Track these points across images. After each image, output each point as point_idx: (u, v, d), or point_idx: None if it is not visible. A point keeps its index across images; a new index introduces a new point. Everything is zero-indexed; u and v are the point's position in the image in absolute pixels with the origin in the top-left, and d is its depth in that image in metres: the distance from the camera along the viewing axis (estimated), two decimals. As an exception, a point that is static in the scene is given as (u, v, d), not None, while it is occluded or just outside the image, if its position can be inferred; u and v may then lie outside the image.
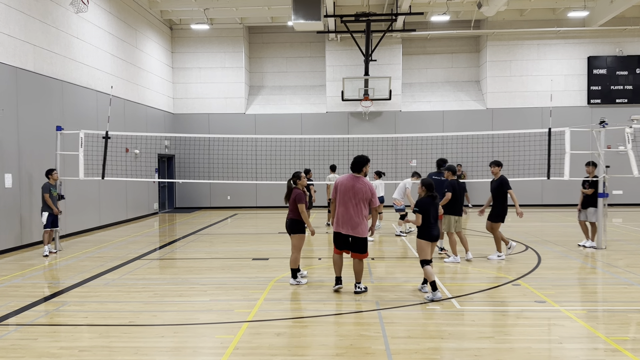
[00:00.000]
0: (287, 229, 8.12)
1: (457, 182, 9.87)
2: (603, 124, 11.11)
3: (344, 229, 7.22)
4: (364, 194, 7.15)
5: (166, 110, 21.39)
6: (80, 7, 13.52)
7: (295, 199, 7.96)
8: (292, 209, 8.05)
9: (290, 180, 8.15)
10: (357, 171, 7.30)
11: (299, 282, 8.02)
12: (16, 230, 11.68)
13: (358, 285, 7.40)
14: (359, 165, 7.29)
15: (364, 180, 7.23)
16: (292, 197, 8.02)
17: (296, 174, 8.17)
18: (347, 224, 7.18)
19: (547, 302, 6.87)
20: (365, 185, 7.17)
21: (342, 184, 7.27)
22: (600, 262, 9.73)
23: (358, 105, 21.52)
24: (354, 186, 7.15)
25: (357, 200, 7.13)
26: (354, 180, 7.22)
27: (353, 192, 7.14)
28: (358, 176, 7.27)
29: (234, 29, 21.96)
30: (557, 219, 17.07)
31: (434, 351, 5.18)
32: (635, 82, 21.15)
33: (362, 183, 7.18)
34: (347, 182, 7.22)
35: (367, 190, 7.16)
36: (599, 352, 5.16)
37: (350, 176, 7.32)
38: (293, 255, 8.04)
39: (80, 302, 7.13)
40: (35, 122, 12.34)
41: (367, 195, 7.16)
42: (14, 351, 5.27)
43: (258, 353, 5.16)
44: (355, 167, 7.32)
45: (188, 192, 22.21)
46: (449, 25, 21.89)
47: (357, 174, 7.29)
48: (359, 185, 7.16)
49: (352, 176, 7.30)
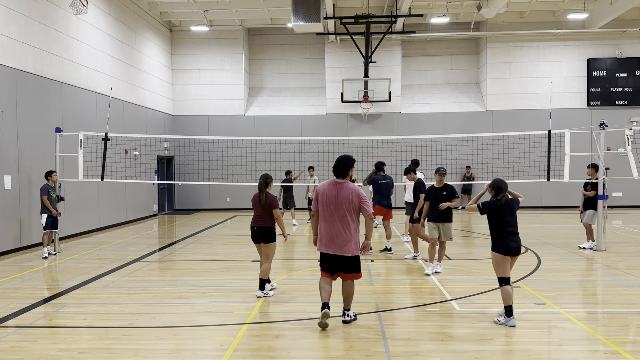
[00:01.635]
0: (258, 237, 7.37)
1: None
2: (603, 125, 11.11)
3: (329, 249, 5.95)
4: (351, 203, 5.87)
5: (166, 112, 21.38)
6: (80, 9, 13.52)
7: (272, 204, 7.31)
8: (262, 214, 7.34)
9: (261, 183, 7.37)
10: (340, 176, 6.00)
11: (266, 294, 7.37)
12: (15, 232, 11.66)
13: (347, 313, 6.17)
14: (343, 168, 5.98)
15: (349, 185, 5.94)
16: (267, 201, 7.32)
17: (267, 175, 7.44)
18: (332, 242, 5.92)
19: (547, 304, 6.86)
20: (351, 191, 5.88)
21: (323, 193, 5.98)
22: (600, 264, 9.73)
23: (358, 107, 21.53)
24: (337, 195, 5.89)
25: (342, 211, 5.86)
26: (337, 188, 5.93)
27: (337, 203, 5.87)
28: (342, 182, 5.97)
29: (234, 31, 21.97)
30: (556, 221, 17.07)
31: (433, 353, 5.17)
32: (635, 84, 21.15)
33: (347, 190, 5.89)
34: (329, 191, 5.94)
35: (353, 198, 5.86)
36: (599, 354, 5.15)
37: (332, 182, 6.01)
38: (265, 266, 7.37)
39: (79, 304, 7.12)
40: (34, 124, 12.33)
41: (354, 203, 5.88)
42: (14, 353, 5.26)
43: (257, 355, 5.15)
44: (338, 171, 6.00)
45: (187, 193, 22.19)
46: (449, 27, 21.90)
47: (341, 179, 6.00)
48: (344, 193, 5.87)
49: (334, 182, 5.99)
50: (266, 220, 7.35)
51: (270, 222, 7.36)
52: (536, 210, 20.75)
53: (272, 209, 7.33)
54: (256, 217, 7.42)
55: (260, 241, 7.38)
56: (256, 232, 7.41)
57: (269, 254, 7.39)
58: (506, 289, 5.95)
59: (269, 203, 7.32)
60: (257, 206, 7.41)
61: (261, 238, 7.37)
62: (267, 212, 7.35)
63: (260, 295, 7.33)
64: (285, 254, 11.30)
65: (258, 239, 7.41)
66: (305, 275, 9.04)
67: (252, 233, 7.50)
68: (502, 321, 5.99)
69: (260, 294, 7.35)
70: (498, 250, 6.01)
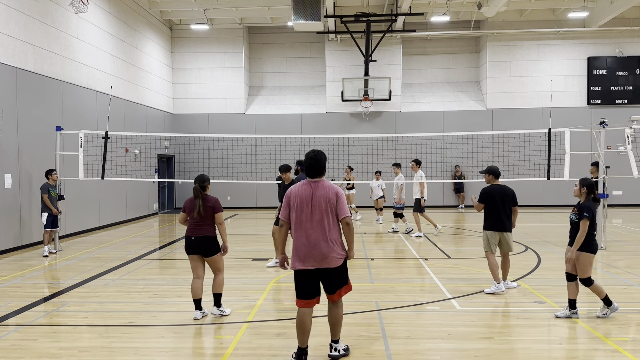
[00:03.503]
0: (198, 249, 6.26)
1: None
2: (603, 124, 11.11)
3: (307, 263, 4.87)
4: (328, 202, 4.84)
5: (166, 110, 21.38)
6: (80, 8, 13.52)
7: (215, 208, 6.25)
8: (201, 221, 6.22)
9: (197, 189, 6.27)
10: (315, 175, 4.97)
11: (223, 311, 6.42)
12: (16, 230, 11.67)
13: (335, 347, 5.05)
14: (318, 167, 4.96)
15: (325, 184, 4.94)
16: (209, 205, 6.23)
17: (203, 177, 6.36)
18: (310, 254, 4.85)
19: (547, 303, 6.88)
20: (327, 190, 4.88)
21: (296, 195, 4.93)
22: (600, 263, 9.73)
23: (358, 105, 21.52)
24: (313, 195, 4.87)
25: (320, 214, 4.83)
26: (311, 188, 4.91)
27: (313, 204, 4.85)
28: (316, 181, 4.95)
29: (234, 29, 21.96)
30: (556, 220, 17.07)
31: (434, 352, 5.18)
32: (635, 82, 21.14)
33: (323, 189, 4.89)
34: (303, 192, 4.91)
35: (330, 196, 4.85)
36: (599, 352, 5.16)
37: (305, 184, 4.97)
38: (219, 278, 6.41)
39: (80, 303, 7.13)
40: (35, 122, 12.33)
41: (332, 202, 4.84)
42: (14, 351, 5.27)
43: (258, 354, 5.16)
44: (312, 170, 4.96)
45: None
46: (449, 26, 21.89)
47: (316, 178, 4.98)
48: (321, 193, 4.87)
49: (308, 183, 4.96)
50: (207, 227, 6.24)
51: (211, 229, 6.27)
52: (536, 208, 20.75)
53: (215, 213, 6.26)
54: (194, 225, 6.26)
55: (201, 253, 6.28)
56: (195, 242, 6.25)
57: (219, 266, 6.40)
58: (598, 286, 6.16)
59: (212, 206, 6.25)
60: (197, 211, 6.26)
61: (202, 250, 6.25)
62: (208, 218, 6.26)
63: (216, 313, 6.37)
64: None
65: (197, 250, 6.27)
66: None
67: (187, 243, 6.30)
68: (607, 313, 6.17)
69: (217, 311, 6.38)
70: (590, 250, 6.12)
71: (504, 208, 7.27)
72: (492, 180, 7.48)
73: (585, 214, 6.05)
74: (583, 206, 6.16)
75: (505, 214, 7.30)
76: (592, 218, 6.09)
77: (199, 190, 6.26)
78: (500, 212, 7.27)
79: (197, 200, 6.23)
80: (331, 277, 4.91)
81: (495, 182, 7.45)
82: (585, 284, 6.15)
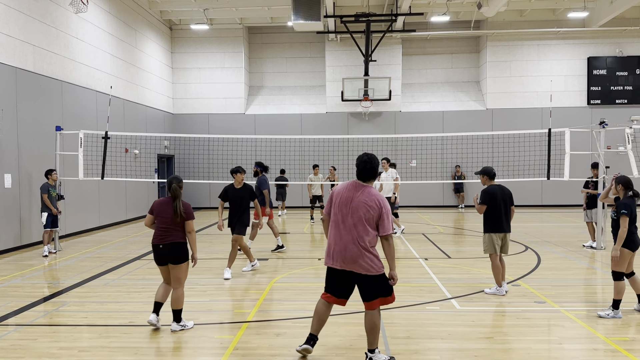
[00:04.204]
0: (168, 257, 5.76)
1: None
2: (603, 124, 11.11)
3: (336, 262, 4.80)
4: (369, 211, 4.70)
5: (166, 110, 21.39)
6: (80, 7, 13.51)
7: (188, 214, 5.84)
8: (171, 227, 5.78)
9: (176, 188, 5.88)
10: (368, 179, 4.88)
11: (184, 325, 5.85)
12: (16, 230, 11.67)
13: (370, 356, 4.81)
14: (372, 171, 4.87)
15: (372, 191, 4.79)
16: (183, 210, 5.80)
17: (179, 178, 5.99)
18: (340, 255, 4.76)
19: (547, 303, 6.87)
20: (372, 197, 4.73)
21: (340, 194, 4.86)
22: (599, 263, 9.73)
23: (358, 105, 21.52)
24: (354, 198, 4.76)
25: (356, 219, 4.71)
26: (355, 190, 4.81)
27: (351, 207, 4.75)
28: (364, 185, 4.84)
29: (234, 29, 21.96)
30: (556, 220, 17.07)
31: (433, 352, 5.18)
32: (635, 82, 21.15)
33: (368, 195, 4.75)
34: (346, 193, 4.84)
35: (373, 206, 4.69)
36: (599, 352, 5.16)
37: (352, 184, 4.91)
38: (178, 292, 5.81)
39: (80, 303, 7.13)
40: (34, 122, 12.33)
41: (372, 213, 4.69)
42: (14, 351, 5.26)
43: (258, 354, 5.16)
44: (366, 174, 4.86)
45: (187, 192, 22.14)
46: (449, 26, 21.89)
47: (364, 182, 4.89)
48: (362, 198, 4.73)
49: (355, 184, 4.88)
50: (177, 234, 5.79)
51: (181, 236, 5.81)
52: (536, 208, 20.76)
53: (186, 220, 5.83)
54: (162, 231, 5.79)
55: (170, 261, 5.76)
56: (163, 250, 5.76)
57: (180, 277, 5.80)
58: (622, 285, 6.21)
59: (184, 212, 5.82)
60: (167, 217, 5.80)
61: (171, 258, 5.75)
62: (179, 224, 5.81)
63: (176, 329, 5.78)
64: (286, 252, 11.30)
65: (167, 259, 5.76)
66: (306, 273, 9.05)
67: (156, 252, 5.83)
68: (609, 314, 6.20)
69: (177, 327, 5.79)
70: (629, 246, 6.19)
71: (505, 208, 7.25)
72: (487, 181, 7.40)
73: (623, 211, 6.12)
74: (621, 203, 6.24)
75: (506, 214, 7.29)
76: (632, 214, 6.15)
77: (178, 190, 5.83)
78: (501, 212, 7.23)
79: (175, 202, 5.78)
80: (366, 285, 4.78)
81: (491, 182, 7.42)
82: (614, 278, 6.25)
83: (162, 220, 5.82)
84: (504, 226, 7.25)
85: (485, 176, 7.40)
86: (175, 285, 5.80)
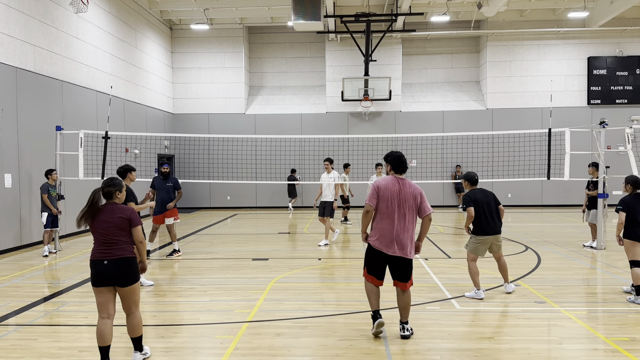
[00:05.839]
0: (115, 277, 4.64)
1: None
2: (603, 124, 11.11)
3: (390, 249, 5.50)
4: (415, 200, 5.58)
5: (166, 110, 21.39)
6: (80, 7, 13.52)
7: (131, 220, 4.75)
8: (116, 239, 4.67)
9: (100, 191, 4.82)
10: (403, 171, 5.72)
11: (145, 353, 5.02)
12: (16, 230, 11.68)
13: (406, 327, 5.63)
14: (405, 164, 5.74)
15: (409, 182, 5.67)
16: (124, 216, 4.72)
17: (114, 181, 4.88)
18: (394, 242, 5.49)
19: (547, 303, 6.87)
20: (414, 188, 5.63)
21: (386, 188, 5.56)
22: (600, 263, 9.73)
23: (358, 105, 21.52)
24: (401, 190, 5.55)
25: (406, 208, 5.54)
26: (399, 184, 5.60)
27: (401, 199, 5.54)
28: (403, 178, 5.69)
29: (234, 29, 21.96)
30: (556, 220, 17.07)
31: (433, 352, 5.18)
32: (635, 82, 21.14)
33: (410, 186, 5.62)
34: (392, 186, 5.57)
35: (416, 195, 5.60)
36: (599, 352, 5.16)
37: (393, 178, 5.66)
38: (136, 317, 4.84)
39: (80, 302, 7.12)
40: (35, 122, 12.33)
41: (417, 201, 5.60)
42: (14, 351, 5.27)
43: (258, 353, 5.16)
44: (402, 166, 5.71)
45: (188, 192, 22.17)
46: (449, 26, 21.89)
47: (401, 174, 5.71)
48: (408, 190, 5.58)
49: (396, 179, 5.65)
50: (124, 246, 4.71)
51: (129, 249, 4.74)
52: (536, 208, 20.75)
53: (132, 227, 4.76)
54: (102, 244, 4.69)
55: (115, 282, 4.67)
56: (110, 267, 4.63)
57: (135, 300, 4.80)
58: (638, 271, 6.82)
59: (127, 218, 4.75)
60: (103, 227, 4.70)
61: (119, 278, 4.65)
62: (123, 234, 4.72)
63: (138, 359, 4.93)
64: (286, 252, 11.31)
65: (114, 279, 4.65)
66: (305, 273, 9.04)
67: (97, 271, 4.65)
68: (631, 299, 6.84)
69: (139, 356, 4.93)
70: (631, 236, 6.93)
71: (489, 210, 7.24)
72: (469, 186, 7.41)
73: (618, 207, 6.95)
74: (620, 200, 6.99)
75: (492, 215, 7.26)
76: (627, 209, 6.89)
77: (99, 196, 4.76)
78: (486, 215, 7.22)
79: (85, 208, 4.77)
80: (406, 267, 5.59)
81: (472, 187, 7.42)
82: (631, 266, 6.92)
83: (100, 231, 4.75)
84: (489, 228, 7.22)
85: (467, 182, 7.42)
86: (129, 310, 4.81)
